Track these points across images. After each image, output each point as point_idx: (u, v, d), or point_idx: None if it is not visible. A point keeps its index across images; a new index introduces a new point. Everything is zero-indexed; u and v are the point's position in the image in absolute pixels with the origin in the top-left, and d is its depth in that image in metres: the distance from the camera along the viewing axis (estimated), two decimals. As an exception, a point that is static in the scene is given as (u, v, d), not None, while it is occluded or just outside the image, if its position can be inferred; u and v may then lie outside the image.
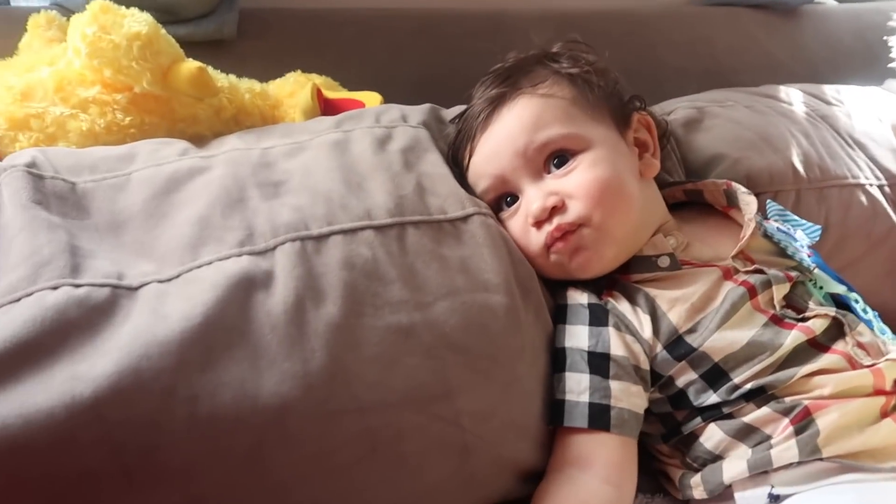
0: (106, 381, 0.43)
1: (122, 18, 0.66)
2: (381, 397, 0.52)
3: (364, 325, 0.52)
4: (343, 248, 0.55)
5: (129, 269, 0.52)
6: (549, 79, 0.65)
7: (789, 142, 0.84)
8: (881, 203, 0.86)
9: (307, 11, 0.96)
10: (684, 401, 0.61)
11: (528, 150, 0.63)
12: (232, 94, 0.75)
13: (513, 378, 0.58)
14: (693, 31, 1.24)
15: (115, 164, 0.61)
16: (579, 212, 0.61)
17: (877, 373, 0.58)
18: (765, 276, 0.62)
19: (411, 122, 0.71)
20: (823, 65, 1.31)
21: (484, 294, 0.58)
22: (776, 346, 0.59)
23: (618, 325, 0.61)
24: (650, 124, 0.71)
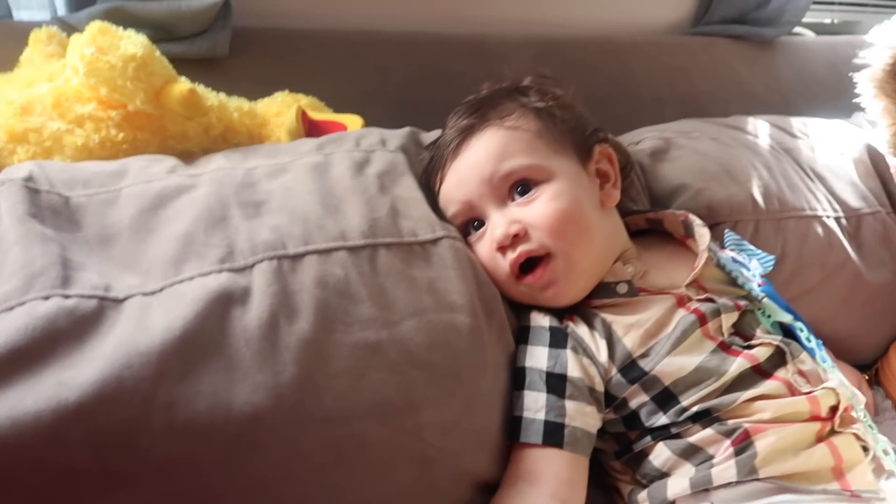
0: (90, 387, 0.47)
1: (119, 41, 0.69)
2: (348, 409, 0.55)
3: (334, 341, 0.56)
4: (317, 267, 0.59)
5: (116, 281, 0.55)
6: (516, 112, 0.69)
7: (751, 174, 0.89)
8: (837, 235, 0.90)
9: (297, 32, 1.00)
10: (636, 421, 0.64)
11: (494, 178, 0.67)
12: (221, 112, 0.79)
13: (474, 394, 0.62)
14: (670, 60, 1.28)
15: (107, 179, 0.64)
16: (541, 241, 0.65)
17: (813, 400, 0.62)
18: (715, 305, 0.66)
19: (389, 146, 0.74)
20: (797, 96, 1.36)
21: (449, 314, 0.61)
22: (722, 372, 0.62)
23: (576, 349, 0.65)
24: (611, 156, 0.74)
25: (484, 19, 1.19)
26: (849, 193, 0.96)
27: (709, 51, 1.34)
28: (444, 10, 1.16)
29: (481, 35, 1.13)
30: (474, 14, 1.18)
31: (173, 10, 0.86)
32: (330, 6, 1.07)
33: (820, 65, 1.42)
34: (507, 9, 1.22)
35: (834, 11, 1.71)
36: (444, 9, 1.16)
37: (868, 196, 0.97)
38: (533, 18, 1.24)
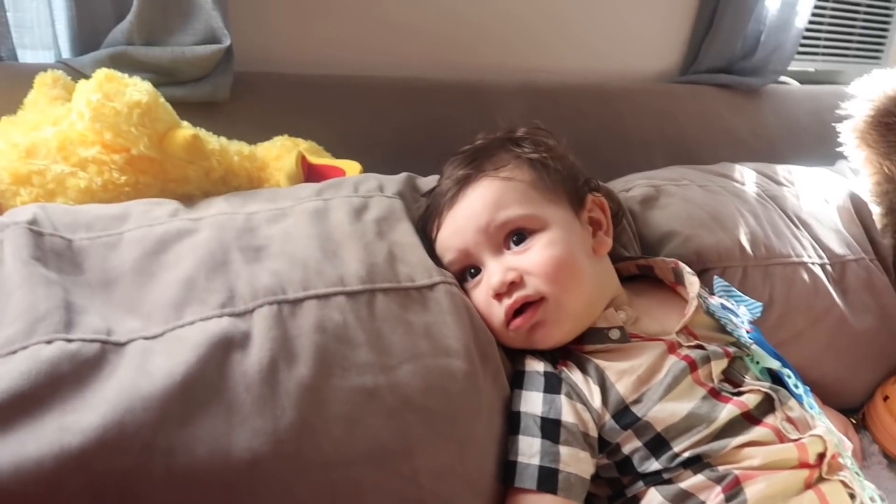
0: (93, 433, 0.47)
1: (125, 87, 0.71)
2: (345, 454, 0.56)
3: (332, 386, 0.57)
4: (316, 312, 0.60)
5: (118, 325, 0.56)
6: (511, 163, 0.71)
7: (738, 221, 0.91)
8: (822, 281, 0.93)
9: (295, 77, 1.02)
10: (629, 466, 0.65)
11: (490, 227, 0.68)
12: (222, 156, 0.80)
13: (470, 438, 0.63)
14: (659, 106, 1.32)
15: (110, 223, 0.65)
16: (537, 287, 0.67)
17: (801, 447, 0.63)
18: (705, 352, 0.67)
19: (387, 192, 0.76)
20: (782, 143, 1.40)
21: (445, 359, 0.62)
22: (713, 419, 0.63)
23: (570, 394, 0.66)
24: (603, 205, 0.77)
25: (478, 67, 1.22)
26: (833, 240, 0.99)
27: (696, 98, 1.38)
28: (440, 58, 1.19)
29: (476, 82, 1.16)
30: (469, 61, 1.22)
31: (177, 56, 0.88)
32: (328, 52, 1.10)
33: (804, 112, 1.47)
34: (502, 57, 1.25)
35: (816, 61, 1.77)
36: (440, 56, 1.19)
37: (852, 243, 1.00)
38: (526, 67, 1.27)
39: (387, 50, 1.14)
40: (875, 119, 1.07)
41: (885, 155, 1.06)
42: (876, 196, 1.08)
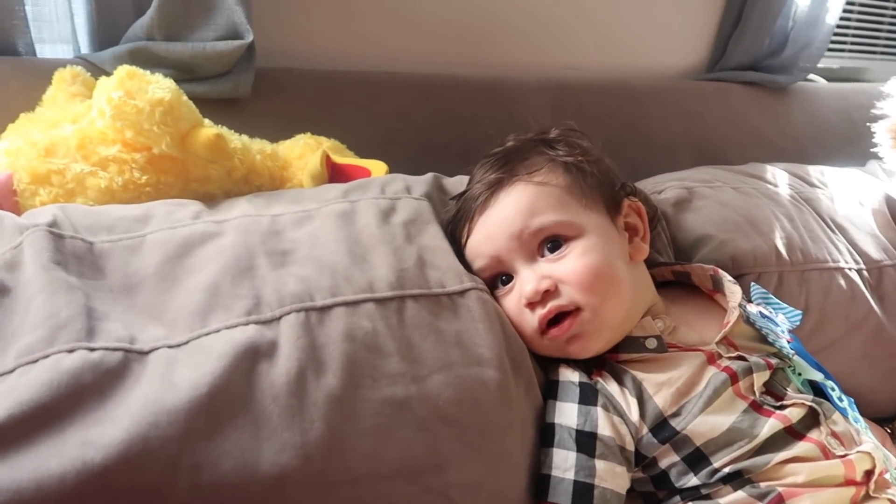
0: (116, 448, 0.45)
1: (147, 85, 0.69)
2: (375, 469, 0.54)
3: (362, 397, 0.55)
4: (345, 319, 0.57)
5: (141, 332, 0.54)
6: (545, 166, 0.69)
7: (773, 225, 0.88)
8: (860, 287, 0.90)
9: (318, 73, 1.00)
10: (666, 482, 0.63)
11: (524, 234, 0.66)
12: (244, 155, 0.78)
13: (502, 451, 0.60)
14: (685, 105, 1.29)
15: (131, 224, 0.63)
16: (571, 297, 0.64)
17: (848, 464, 0.61)
18: (746, 363, 0.65)
19: (415, 193, 0.74)
20: (810, 142, 1.37)
21: (477, 368, 0.60)
22: (755, 434, 0.61)
23: (606, 406, 0.63)
24: (640, 210, 0.74)
25: (502, 63, 1.20)
26: (869, 245, 0.96)
27: (723, 96, 1.35)
28: (462, 54, 1.17)
29: (498, 79, 1.14)
30: (493, 58, 1.19)
31: (198, 51, 0.87)
32: (351, 48, 1.08)
33: (832, 111, 1.44)
34: (524, 53, 1.23)
35: (843, 58, 1.73)
36: (462, 53, 1.17)
37: (888, 247, 0.97)
38: (550, 63, 1.25)
39: (410, 46, 1.12)
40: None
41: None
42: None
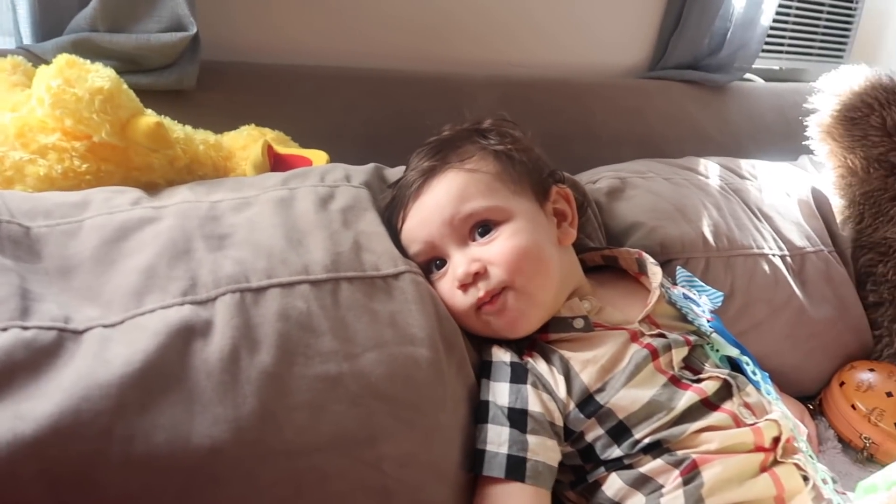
0: (47, 420, 0.46)
1: (87, 73, 0.70)
2: (308, 441, 0.56)
3: (295, 374, 0.57)
4: (280, 300, 0.59)
5: (76, 313, 0.55)
6: (476, 154, 0.72)
7: (701, 213, 0.93)
8: (783, 272, 0.95)
9: (265, 67, 1.02)
10: (592, 454, 0.66)
11: (455, 219, 0.69)
12: (186, 144, 0.79)
13: (434, 426, 0.63)
14: (628, 102, 1.33)
15: (70, 210, 0.64)
16: (500, 277, 0.67)
17: (757, 431, 0.65)
18: (666, 340, 0.69)
19: (354, 182, 0.76)
20: (747, 138, 1.42)
21: (410, 347, 0.63)
22: (672, 406, 0.65)
23: (535, 384, 0.66)
24: (568, 196, 0.77)
25: (450, 59, 1.22)
26: (794, 233, 1.01)
27: (664, 93, 1.40)
28: (411, 50, 1.19)
29: (447, 74, 1.16)
30: (440, 54, 1.22)
31: (142, 43, 0.87)
32: (298, 42, 1.09)
33: (768, 109, 1.50)
34: (473, 50, 1.26)
35: (781, 59, 1.80)
36: (411, 48, 1.19)
37: (811, 235, 1.03)
38: (498, 60, 1.28)
39: (356, 41, 1.14)
40: (841, 114, 1.10)
41: (849, 149, 1.09)
42: (839, 189, 1.11)
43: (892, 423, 0.88)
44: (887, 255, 1.04)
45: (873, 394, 0.91)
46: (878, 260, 1.05)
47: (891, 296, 1.03)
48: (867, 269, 1.06)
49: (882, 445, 0.88)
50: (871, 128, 1.07)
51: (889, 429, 0.88)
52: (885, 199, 1.06)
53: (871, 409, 0.89)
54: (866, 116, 1.07)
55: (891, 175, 1.06)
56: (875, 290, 1.04)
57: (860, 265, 1.06)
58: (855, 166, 1.08)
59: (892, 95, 1.07)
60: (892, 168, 1.06)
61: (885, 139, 1.06)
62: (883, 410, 0.88)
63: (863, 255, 1.06)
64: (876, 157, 1.06)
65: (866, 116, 1.07)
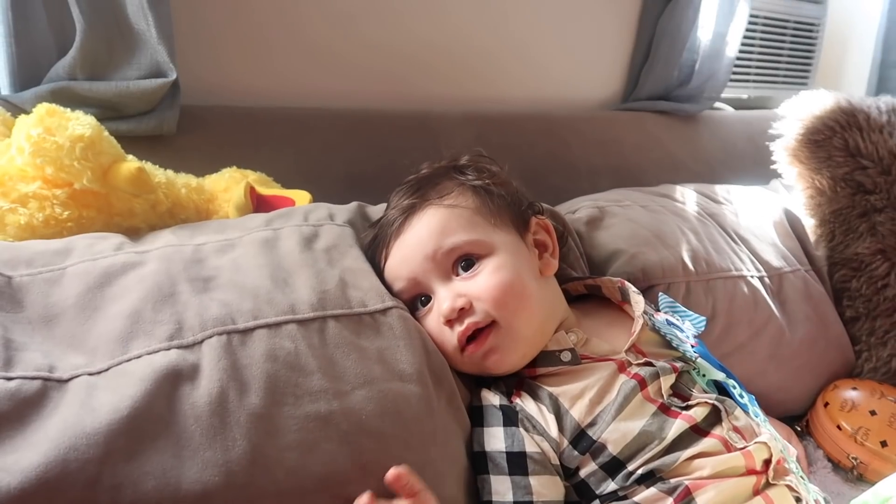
0: (33, 472, 0.46)
1: (68, 121, 0.70)
2: (299, 482, 0.55)
3: (284, 414, 0.56)
4: (267, 341, 0.59)
5: (61, 361, 0.54)
6: (455, 190, 0.73)
7: (679, 239, 0.94)
8: (761, 293, 0.96)
9: (244, 110, 1.03)
10: (587, 490, 0.66)
11: (437, 254, 0.69)
12: (168, 188, 0.80)
13: (425, 461, 0.62)
14: (603, 133, 1.36)
15: (52, 258, 0.64)
16: (486, 312, 0.68)
17: (747, 455, 0.65)
18: (654, 369, 0.69)
19: (338, 220, 0.77)
20: (719, 165, 1.46)
21: (399, 383, 0.63)
22: (663, 436, 0.65)
23: (527, 427, 0.66)
24: (548, 227, 0.78)
25: (427, 99, 1.24)
26: (770, 254, 1.03)
27: (638, 124, 1.43)
28: (388, 89, 1.21)
29: (424, 113, 1.18)
30: (417, 93, 1.24)
31: (121, 90, 0.88)
32: (277, 84, 1.11)
33: (739, 136, 1.54)
34: (449, 89, 1.28)
35: (749, 88, 1.85)
36: (388, 88, 1.21)
37: (788, 256, 1.05)
38: (473, 97, 1.30)
39: (335, 81, 1.16)
40: (805, 137, 1.14)
41: (816, 170, 1.12)
42: (809, 209, 1.14)
43: (878, 441, 0.88)
44: (860, 270, 1.07)
45: (857, 413, 0.92)
46: (852, 275, 1.08)
47: (866, 310, 1.06)
48: (842, 285, 1.08)
49: (870, 464, 0.88)
50: (834, 149, 1.11)
51: (875, 447, 0.88)
52: (854, 216, 1.09)
53: (856, 429, 0.90)
54: (829, 139, 1.11)
55: (857, 193, 1.10)
56: (851, 305, 1.07)
57: (835, 281, 1.09)
58: (823, 186, 1.12)
59: (851, 118, 1.12)
60: (857, 186, 1.10)
61: (849, 159, 1.10)
62: (868, 429, 0.89)
63: (837, 271, 1.09)
64: (842, 177, 1.10)
65: (829, 139, 1.11)
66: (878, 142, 1.10)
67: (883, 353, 1.02)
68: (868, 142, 1.10)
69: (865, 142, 1.10)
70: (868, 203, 1.08)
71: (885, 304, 1.04)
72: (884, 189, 1.08)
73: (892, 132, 1.11)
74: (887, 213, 1.07)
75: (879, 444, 0.88)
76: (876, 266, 1.06)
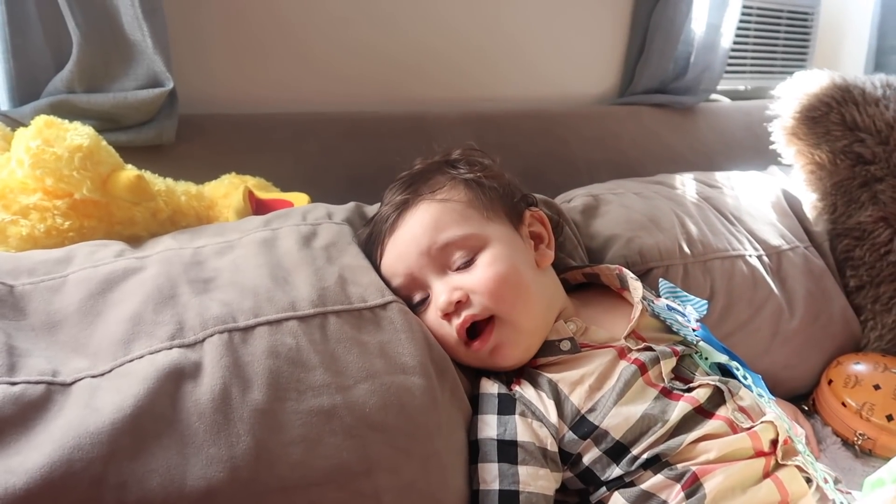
0: (38, 472, 0.46)
1: (66, 132, 0.71)
2: (304, 476, 0.55)
3: (287, 409, 0.57)
4: (268, 338, 0.60)
5: (64, 365, 0.55)
6: (447, 184, 0.73)
7: (674, 222, 0.95)
8: (760, 271, 0.96)
9: (243, 117, 1.03)
10: (593, 476, 0.66)
11: (432, 249, 0.70)
12: (168, 196, 0.80)
13: (430, 453, 0.63)
14: (601, 128, 1.36)
15: (53, 266, 0.65)
16: (483, 304, 0.68)
17: (753, 436, 0.64)
18: (654, 353, 0.69)
19: (336, 219, 0.77)
20: (718, 155, 1.45)
21: (402, 376, 0.63)
22: (666, 418, 0.65)
23: (524, 413, 0.66)
24: (543, 218, 0.78)
25: (422, 99, 1.25)
26: (768, 233, 1.03)
27: (635, 118, 1.44)
28: (384, 92, 1.22)
29: (422, 113, 1.19)
30: (413, 94, 1.24)
31: (119, 101, 0.89)
32: (273, 91, 1.12)
33: (737, 126, 1.54)
34: (445, 89, 1.29)
35: (746, 78, 1.85)
36: (384, 91, 1.22)
37: (786, 234, 1.05)
38: (470, 97, 1.31)
39: (331, 86, 1.16)
40: (802, 114, 1.15)
41: (815, 145, 1.13)
42: (810, 184, 1.15)
43: (884, 416, 0.88)
44: (862, 239, 1.08)
45: (861, 389, 0.91)
46: (855, 244, 1.08)
47: (869, 277, 1.06)
48: (845, 255, 1.09)
49: (878, 439, 0.88)
50: (832, 124, 1.12)
51: (881, 422, 0.88)
52: (855, 187, 1.10)
53: (861, 405, 0.90)
54: (826, 115, 1.12)
55: (857, 164, 1.10)
56: (855, 275, 1.07)
57: (838, 252, 1.09)
58: (822, 160, 1.12)
59: (846, 93, 1.13)
60: (857, 158, 1.10)
61: (847, 132, 1.11)
62: (873, 404, 0.89)
63: (840, 242, 1.09)
64: (841, 150, 1.11)
65: (826, 115, 1.12)
66: (875, 114, 1.10)
67: (888, 320, 1.03)
68: (865, 115, 1.10)
69: (862, 115, 1.10)
70: (868, 173, 1.09)
71: (889, 269, 1.05)
72: (883, 158, 1.09)
73: (888, 105, 1.12)
74: (888, 181, 1.08)
75: (885, 419, 0.88)
76: (878, 233, 1.06)
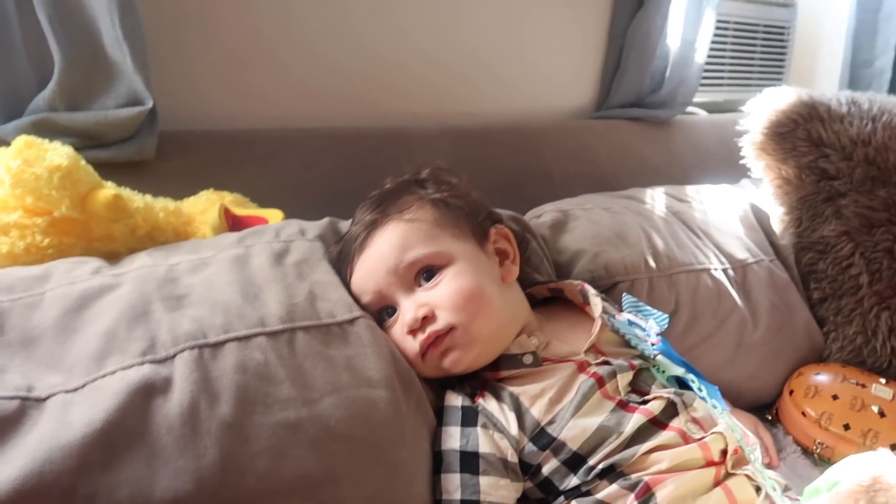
0: (10, 485, 0.48)
1: (45, 152, 0.74)
2: (270, 487, 0.58)
3: (255, 423, 0.59)
4: (237, 353, 0.62)
5: (39, 381, 0.57)
6: (415, 204, 0.76)
7: (640, 237, 0.98)
8: (724, 284, 1.00)
9: (221, 133, 1.05)
10: (551, 486, 0.69)
11: (399, 268, 0.73)
12: (146, 213, 0.83)
13: (395, 463, 0.65)
14: (577, 142, 1.39)
15: (31, 284, 0.67)
16: (447, 319, 0.71)
17: (704, 446, 0.67)
18: (611, 367, 0.72)
19: (308, 235, 0.80)
20: (693, 168, 1.48)
21: (367, 389, 0.65)
22: (621, 430, 0.67)
23: (486, 425, 0.69)
24: (508, 235, 0.81)
25: (400, 114, 1.27)
26: (734, 247, 1.06)
27: (611, 132, 1.46)
28: (360, 108, 1.24)
29: (400, 128, 1.21)
30: (390, 110, 1.27)
31: (100, 119, 0.91)
32: (252, 107, 1.14)
33: (712, 140, 1.57)
34: (422, 103, 1.31)
35: (723, 91, 1.89)
36: (360, 107, 1.24)
37: (752, 247, 1.08)
38: (448, 111, 1.34)
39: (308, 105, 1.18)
40: (771, 130, 1.18)
41: (782, 160, 1.17)
42: (777, 198, 1.18)
43: (841, 425, 0.91)
44: (825, 252, 1.11)
45: (821, 399, 0.94)
46: (818, 258, 1.12)
47: (832, 290, 1.10)
48: (809, 268, 1.12)
49: (836, 448, 0.90)
50: (798, 140, 1.16)
51: (839, 431, 0.90)
52: (819, 202, 1.13)
53: (820, 414, 0.92)
54: (793, 131, 1.16)
55: (821, 179, 1.14)
56: (818, 287, 1.11)
57: (803, 265, 1.12)
58: (789, 175, 1.16)
59: (812, 110, 1.17)
60: (821, 173, 1.14)
61: (813, 148, 1.15)
62: (831, 414, 0.92)
63: (805, 255, 1.13)
64: (807, 165, 1.14)
65: (793, 131, 1.16)
66: (840, 131, 1.14)
67: (849, 331, 1.06)
68: (830, 131, 1.14)
69: (827, 131, 1.14)
70: (832, 188, 1.13)
71: (850, 282, 1.08)
72: (846, 174, 1.12)
73: (851, 122, 1.15)
74: (851, 196, 1.11)
75: (843, 428, 0.90)
76: (841, 247, 1.09)
